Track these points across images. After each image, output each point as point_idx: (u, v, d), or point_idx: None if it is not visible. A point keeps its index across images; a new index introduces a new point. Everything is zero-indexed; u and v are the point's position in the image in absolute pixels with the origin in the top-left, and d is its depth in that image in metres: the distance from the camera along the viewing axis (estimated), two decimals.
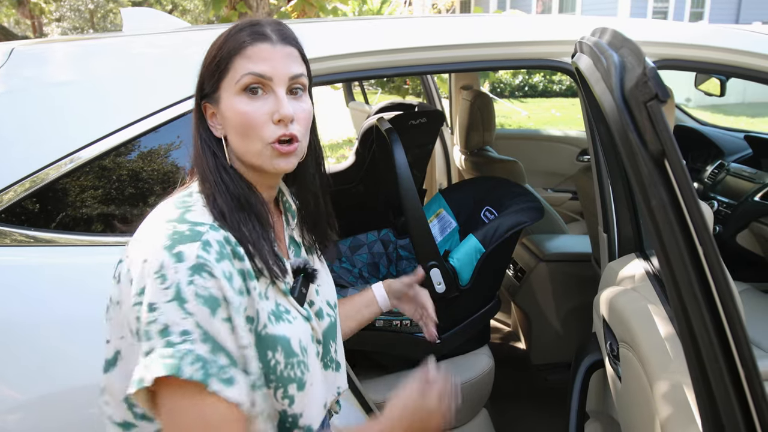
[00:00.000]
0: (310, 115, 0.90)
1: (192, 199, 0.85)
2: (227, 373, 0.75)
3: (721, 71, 1.60)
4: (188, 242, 0.76)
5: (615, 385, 1.16)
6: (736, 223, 2.41)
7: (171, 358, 0.72)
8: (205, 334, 0.74)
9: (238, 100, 0.84)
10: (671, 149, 0.47)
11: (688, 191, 0.47)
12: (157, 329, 0.73)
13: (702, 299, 0.47)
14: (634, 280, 1.21)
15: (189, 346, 0.72)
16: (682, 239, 0.48)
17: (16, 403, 1.14)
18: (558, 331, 2.48)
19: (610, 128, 0.54)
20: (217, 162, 0.88)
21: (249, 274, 0.82)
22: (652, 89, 0.48)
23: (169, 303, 0.73)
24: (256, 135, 0.85)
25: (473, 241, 1.79)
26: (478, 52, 1.55)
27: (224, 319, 0.76)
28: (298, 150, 0.88)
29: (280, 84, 0.85)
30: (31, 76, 1.32)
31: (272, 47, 0.85)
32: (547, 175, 3.55)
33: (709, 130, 2.97)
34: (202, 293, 0.74)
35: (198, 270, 0.75)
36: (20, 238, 1.19)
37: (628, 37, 0.62)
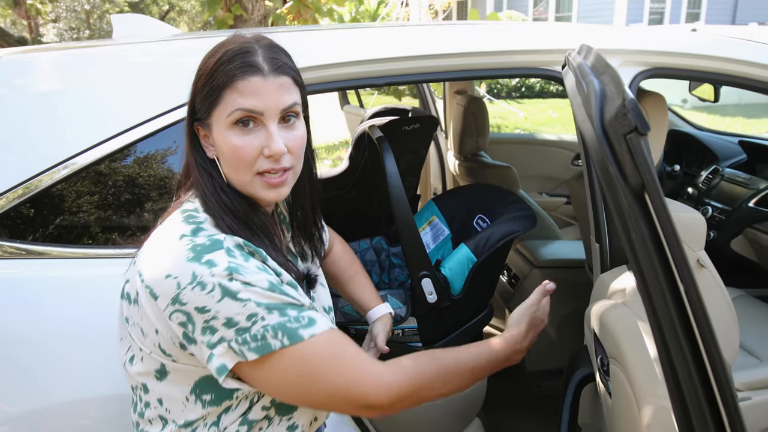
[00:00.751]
0: (303, 140, 0.90)
1: (200, 215, 0.86)
2: (304, 318, 0.79)
3: (713, 80, 1.59)
4: (213, 251, 0.79)
5: (605, 400, 1.16)
6: (731, 229, 2.40)
7: (253, 341, 0.77)
8: (268, 306, 0.78)
9: (229, 133, 0.84)
10: (651, 183, 0.46)
11: (668, 226, 0.46)
12: (221, 323, 0.77)
13: (683, 337, 0.46)
14: (625, 294, 1.20)
15: (262, 323, 0.77)
16: (663, 275, 0.47)
17: (6, 417, 1.13)
18: (552, 338, 2.47)
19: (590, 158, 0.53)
20: (214, 183, 0.88)
21: (275, 270, 0.85)
22: (632, 122, 0.46)
23: (221, 302, 0.76)
24: (246, 168, 0.85)
25: (465, 250, 1.78)
26: (470, 61, 1.54)
27: (276, 283, 0.80)
28: (289, 179, 0.89)
29: (272, 117, 0.84)
30: (19, 84, 1.31)
31: (263, 80, 0.83)
32: (541, 180, 3.54)
33: (703, 135, 2.96)
34: (246, 280, 0.78)
35: (233, 270, 0.78)
36: (11, 251, 1.18)
37: (609, 63, 0.61)
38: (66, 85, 1.33)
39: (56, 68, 1.39)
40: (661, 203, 0.46)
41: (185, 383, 0.87)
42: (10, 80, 1.31)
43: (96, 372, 1.16)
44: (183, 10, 20.06)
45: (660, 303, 0.47)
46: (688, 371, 0.46)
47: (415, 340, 1.80)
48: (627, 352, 0.98)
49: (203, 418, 0.88)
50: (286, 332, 0.77)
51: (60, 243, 1.21)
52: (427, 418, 1.77)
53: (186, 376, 0.87)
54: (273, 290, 0.79)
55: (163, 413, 0.90)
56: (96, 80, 1.32)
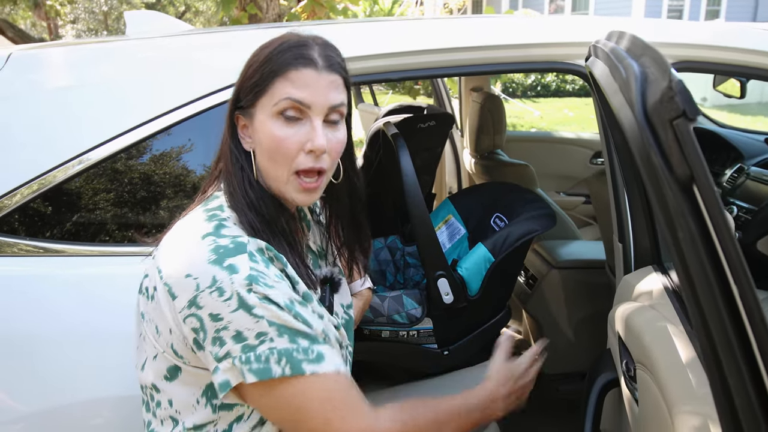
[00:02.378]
0: (343, 144, 0.89)
1: (224, 214, 0.85)
2: (313, 352, 0.77)
3: (742, 73, 1.53)
4: (235, 255, 0.77)
5: (631, 408, 1.10)
6: (757, 229, 2.32)
7: (256, 362, 0.75)
8: (280, 327, 0.76)
9: (273, 123, 0.83)
10: (701, 174, 0.42)
11: (720, 222, 0.41)
12: (230, 335, 0.75)
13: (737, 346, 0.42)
14: (652, 296, 1.14)
15: (269, 345, 0.75)
16: (715, 278, 0.43)
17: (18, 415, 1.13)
18: (570, 340, 2.42)
19: (630, 148, 0.49)
20: (244, 176, 0.86)
21: (291, 279, 0.83)
22: (679, 105, 0.42)
23: (235, 312, 0.75)
24: (285, 162, 0.84)
25: (482, 250, 1.73)
26: (488, 54, 1.49)
27: (291, 300, 0.78)
28: (322, 185, 0.88)
29: (318, 113, 0.83)
30: (31, 80, 1.31)
31: (317, 74, 0.82)
32: (559, 179, 3.48)
33: (727, 133, 2.88)
34: (264, 293, 0.76)
35: (254, 279, 0.76)
36: (27, 248, 1.17)
37: (650, 43, 0.56)
38: (79, 81, 1.33)
39: (69, 64, 1.38)
40: (713, 197, 0.41)
41: (196, 385, 0.86)
42: (23, 76, 1.31)
43: (111, 372, 1.15)
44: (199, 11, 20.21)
45: (711, 308, 0.43)
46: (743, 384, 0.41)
47: (431, 342, 1.76)
48: (657, 358, 0.93)
49: (213, 422, 0.86)
50: (290, 361, 0.76)
51: (76, 240, 1.20)
52: None
53: (197, 378, 0.85)
54: (289, 310, 0.77)
55: (173, 414, 0.88)
56: (109, 75, 1.31)
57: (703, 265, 0.42)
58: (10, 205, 1.17)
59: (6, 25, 7.79)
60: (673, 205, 0.43)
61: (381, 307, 1.71)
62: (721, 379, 0.44)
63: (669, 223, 0.45)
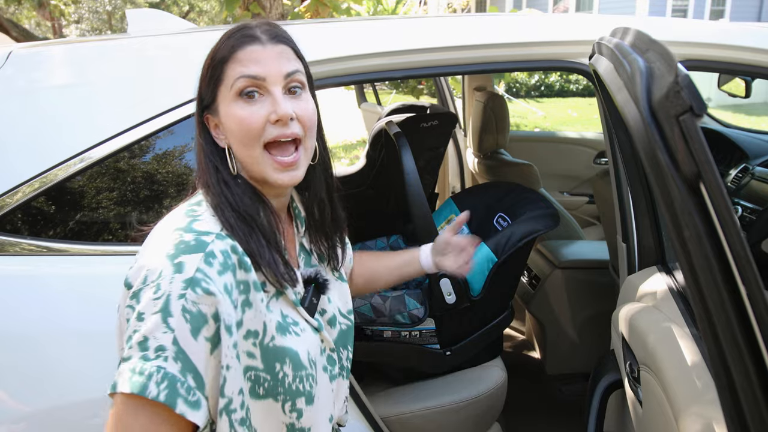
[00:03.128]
0: (314, 114, 0.87)
1: (201, 208, 0.84)
2: (195, 395, 0.73)
3: (747, 72, 1.51)
4: (192, 253, 0.75)
5: (635, 409, 1.09)
6: (762, 229, 2.31)
7: (140, 375, 0.71)
8: (180, 352, 0.72)
9: (234, 107, 0.83)
10: (708, 171, 0.41)
11: (728, 221, 0.40)
12: (138, 339, 0.72)
13: (745, 348, 0.40)
14: (656, 297, 1.13)
15: (161, 362, 0.71)
16: (722, 278, 0.41)
17: (21, 414, 1.13)
18: (574, 341, 2.40)
19: (635, 145, 0.48)
20: (218, 176, 0.86)
21: (255, 285, 0.81)
22: (686, 101, 0.41)
23: (154, 315, 0.72)
24: (254, 139, 0.83)
25: (485, 250, 1.72)
26: (491, 53, 1.48)
27: (206, 338, 0.74)
28: (301, 159, 0.86)
29: (275, 83, 0.83)
30: (32, 78, 1.31)
31: (262, 47, 0.83)
32: (563, 178, 3.46)
33: (732, 132, 2.86)
34: (190, 309, 0.73)
35: (193, 284, 0.73)
36: (30, 248, 1.17)
37: (655, 39, 0.55)
38: (80, 79, 1.33)
39: (70, 62, 1.39)
40: (721, 194, 0.40)
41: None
42: (23, 74, 1.31)
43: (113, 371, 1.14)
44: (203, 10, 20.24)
45: (718, 309, 0.41)
46: (750, 387, 0.40)
47: (433, 342, 1.75)
48: (662, 360, 0.91)
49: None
50: (169, 390, 0.70)
51: (78, 239, 1.20)
52: (446, 424, 1.72)
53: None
54: (199, 339, 0.73)
55: None
56: (111, 73, 1.31)
57: (711, 264, 0.41)
58: (11, 203, 1.17)
59: (10, 24, 7.81)
60: (679, 203, 0.42)
61: (383, 307, 1.70)
62: (729, 382, 0.42)
63: (675, 221, 0.44)
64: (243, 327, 0.79)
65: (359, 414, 1.47)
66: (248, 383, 0.80)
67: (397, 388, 1.80)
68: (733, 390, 0.42)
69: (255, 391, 0.81)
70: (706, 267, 0.41)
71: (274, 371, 0.81)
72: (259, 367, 0.80)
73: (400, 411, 1.67)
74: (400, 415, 1.67)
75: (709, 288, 0.42)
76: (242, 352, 0.79)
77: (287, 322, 0.86)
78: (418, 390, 1.76)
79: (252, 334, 0.80)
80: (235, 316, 0.77)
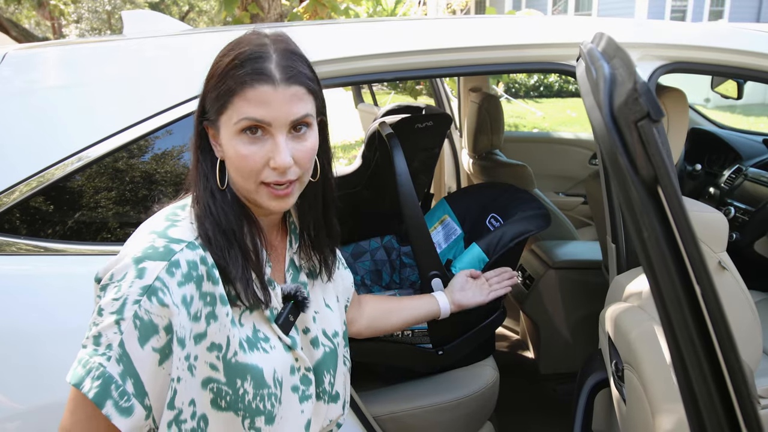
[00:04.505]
0: (313, 151, 0.85)
1: (183, 213, 0.84)
2: (129, 401, 0.74)
3: (735, 74, 1.53)
4: (156, 259, 0.75)
5: (620, 407, 1.11)
6: (754, 230, 2.33)
7: (83, 368, 0.73)
8: (124, 356, 0.73)
9: (236, 141, 0.81)
10: (664, 175, 0.42)
11: (683, 223, 0.42)
12: (93, 332, 0.74)
13: (699, 344, 0.42)
14: (641, 297, 1.15)
15: (104, 360, 0.73)
16: (677, 276, 0.43)
17: (16, 412, 1.14)
18: (567, 341, 2.42)
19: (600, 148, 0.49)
20: (207, 185, 0.85)
21: (222, 298, 0.80)
22: (644, 107, 0.42)
23: (111, 314, 0.74)
24: (251, 177, 0.82)
25: (476, 250, 1.73)
26: (484, 55, 1.50)
27: (154, 348, 0.75)
28: (294, 191, 0.85)
29: (280, 128, 0.80)
30: (29, 78, 1.32)
31: (274, 90, 0.79)
32: (558, 179, 3.48)
33: (726, 134, 2.88)
34: (142, 316, 0.74)
35: (150, 292, 0.74)
36: (27, 248, 1.18)
37: (622, 45, 0.56)
38: (77, 79, 1.34)
39: (66, 62, 1.39)
40: (676, 198, 0.42)
41: None
42: (20, 74, 1.32)
43: None
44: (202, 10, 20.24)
45: (674, 306, 0.43)
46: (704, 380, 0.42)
47: (426, 342, 1.76)
48: (642, 358, 0.93)
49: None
50: (102, 388, 0.72)
51: (75, 239, 1.21)
52: (439, 422, 1.73)
53: None
54: (146, 347, 0.74)
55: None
56: (108, 73, 1.32)
57: (667, 262, 0.43)
58: (8, 202, 1.18)
59: (10, 24, 7.82)
60: (638, 205, 0.44)
61: None
62: (685, 375, 0.44)
63: (635, 223, 0.46)
64: (207, 339, 0.79)
65: (351, 413, 1.48)
66: (210, 394, 0.80)
67: (390, 387, 1.81)
68: (688, 380, 0.43)
69: (217, 402, 0.81)
70: (663, 267, 0.43)
71: (235, 387, 0.81)
72: (221, 380, 0.80)
73: (392, 410, 1.69)
74: (392, 413, 1.68)
75: (666, 288, 0.44)
76: (204, 363, 0.79)
77: (258, 337, 0.85)
78: (410, 389, 1.77)
79: (216, 347, 0.79)
80: (195, 328, 0.77)
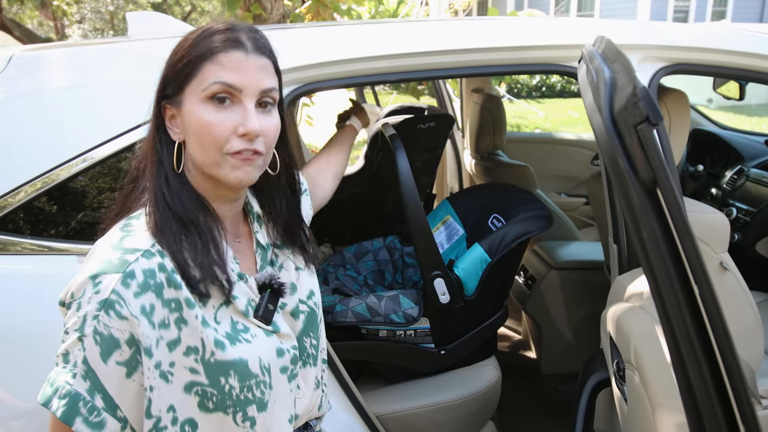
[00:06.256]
0: (278, 130, 0.86)
1: (137, 223, 0.82)
2: (99, 416, 0.74)
3: (739, 76, 1.54)
4: (111, 272, 0.75)
5: (621, 406, 1.12)
6: (756, 231, 2.33)
7: (51, 387, 0.74)
8: (89, 371, 0.74)
9: (203, 108, 0.80)
10: (663, 177, 0.43)
11: (682, 224, 0.42)
12: (62, 350, 0.75)
13: (697, 342, 0.43)
14: (642, 297, 1.16)
15: (69, 378, 0.73)
16: (676, 276, 0.44)
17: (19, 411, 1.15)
18: (569, 341, 2.43)
19: (600, 151, 0.50)
20: (160, 170, 0.83)
21: (188, 302, 0.79)
22: (643, 111, 0.43)
23: (75, 332, 0.74)
24: (216, 146, 0.80)
25: (479, 250, 1.74)
26: (484, 57, 1.51)
27: (118, 362, 0.75)
28: (259, 162, 0.84)
29: (250, 96, 0.81)
30: (34, 80, 1.33)
31: (246, 56, 0.80)
32: (560, 180, 3.48)
33: (728, 134, 2.88)
34: (101, 331, 0.74)
35: (107, 306, 0.74)
36: (32, 248, 1.19)
37: (621, 50, 0.57)
38: (82, 81, 1.34)
39: (71, 64, 1.40)
40: (675, 199, 0.42)
41: None
42: (26, 76, 1.32)
43: None
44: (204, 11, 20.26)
45: (673, 306, 0.44)
46: (702, 377, 0.43)
47: (428, 341, 1.77)
48: (643, 357, 0.94)
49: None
50: (68, 406, 0.73)
51: (79, 239, 1.22)
52: (441, 422, 1.74)
53: None
54: (109, 362, 0.74)
55: None
56: (112, 75, 1.33)
57: (666, 263, 0.44)
58: (13, 203, 1.19)
59: (13, 24, 7.85)
60: (637, 206, 0.45)
61: (378, 307, 1.72)
62: (683, 372, 0.45)
63: (635, 223, 0.47)
64: (182, 344, 0.78)
65: (354, 411, 1.49)
66: (196, 398, 0.80)
67: (393, 386, 1.82)
68: (687, 378, 0.44)
69: (204, 405, 0.80)
70: (662, 267, 0.44)
71: (220, 385, 0.81)
72: (204, 383, 0.80)
73: (394, 409, 1.70)
74: (394, 412, 1.69)
75: (665, 287, 0.45)
76: (183, 369, 0.79)
77: (237, 330, 0.84)
78: (412, 388, 1.78)
79: (192, 350, 0.79)
80: (166, 335, 0.77)
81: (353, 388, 1.47)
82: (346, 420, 1.47)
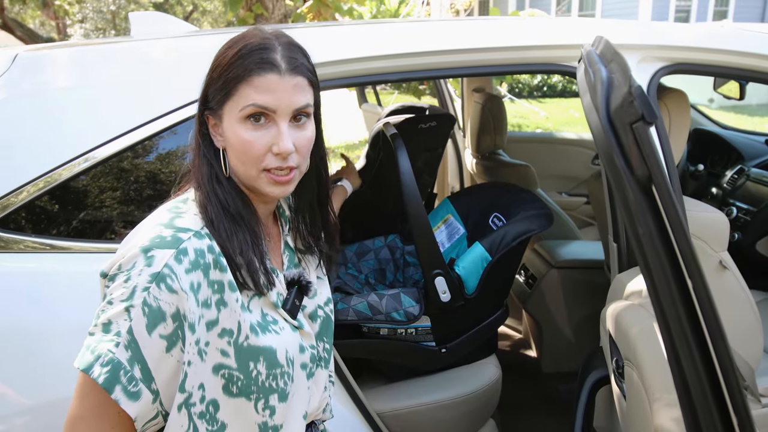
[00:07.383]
0: (311, 141, 0.89)
1: (185, 206, 0.86)
2: (137, 386, 0.76)
3: (739, 76, 1.54)
4: (165, 248, 0.78)
5: (620, 403, 1.12)
6: (756, 230, 2.34)
7: (92, 354, 0.75)
8: (132, 342, 0.75)
9: (240, 127, 0.84)
10: (658, 175, 0.44)
11: (676, 221, 0.43)
12: (102, 320, 0.76)
13: (692, 338, 0.44)
14: (641, 295, 1.16)
15: (112, 347, 0.75)
16: (671, 272, 0.45)
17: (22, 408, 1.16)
18: (570, 340, 2.44)
19: (597, 149, 0.51)
20: (211, 172, 0.88)
21: (230, 285, 0.83)
22: (638, 110, 0.44)
23: (121, 302, 0.76)
24: (253, 163, 0.84)
25: (479, 249, 1.75)
26: (485, 56, 1.52)
27: (161, 335, 0.77)
28: (295, 178, 0.88)
29: (283, 116, 0.84)
30: (38, 80, 1.33)
31: (279, 78, 0.83)
32: (561, 179, 3.49)
33: (728, 134, 2.89)
34: (150, 303, 0.76)
35: (159, 279, 0.76)
36: (34, 245, 1.20)
37: (619, 50, 0.58)
38: (85, 81, 1.35)
39: (74, 64, 1.41)
40: (670, 196, 0.43)
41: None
42: (29, 76, 1.33)
43: None
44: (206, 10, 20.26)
45: (667, 300, 0.45)
46: (696, 372, 0.43)
47: (429, 340, 1.78)
48: (642, 355, 0.94)
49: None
50: (110, 374, 0.74)
51: (82, 238, 1.23)
52: (441, 420, 1.75)
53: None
54: (153, 334, 0.76)
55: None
56: (115, 75, 1.33)
57: (661, 260, 0.44)
58: (16, 202, 1.20)
59: (15, 24, 7.87)
60: (633, 203, 0.45)
61: (379, 305, 1.73)
62: (677, 364, 0.46)
63: (630, 220, 0.48)
64: (219, 325, 0.81)
65: (355, 409, 1.50)
66: (222, 380, 0.82)
67: (393, 384, 1.83)
68: (682, 374, 0.45)
69: (228, 389, 0.83)
70: (657, 263, 0.45)
71: (248, 370, 0.83)
72: (232, 366, 0.82)
73: (396, 407, 1.71)
74: (395, 410, 1.70)
75: (660, 282, 0.46)
76: (215, 350, 0.81)
77: (267, 321, 0.88)
78: (413, 386, 1.79)
79: (227, 332, 0.82)
80: (206, 315, 0.79)
81: (354, 386, 1.48)
82: (347, 418, 1.48)
